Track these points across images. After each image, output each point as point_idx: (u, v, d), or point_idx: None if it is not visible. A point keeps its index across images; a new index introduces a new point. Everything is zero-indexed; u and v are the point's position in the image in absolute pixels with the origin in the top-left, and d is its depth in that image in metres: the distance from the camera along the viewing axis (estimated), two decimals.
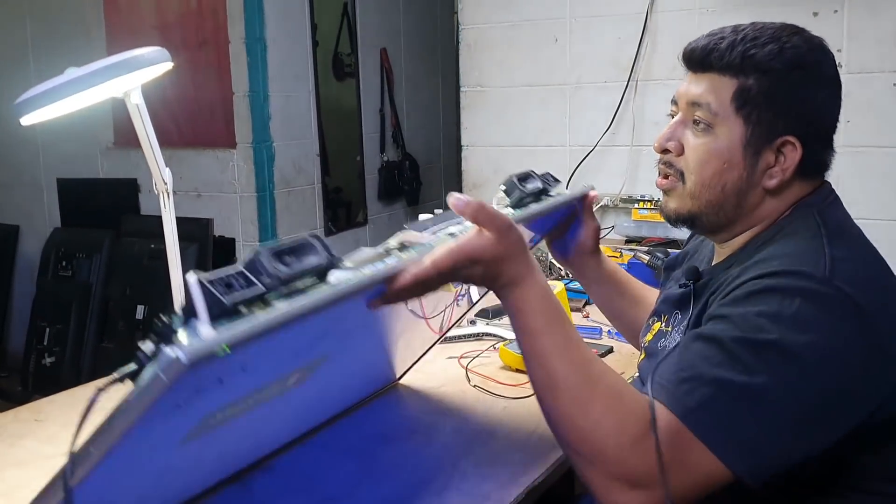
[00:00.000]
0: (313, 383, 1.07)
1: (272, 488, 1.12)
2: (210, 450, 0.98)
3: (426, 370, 1.57)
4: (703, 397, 0.82)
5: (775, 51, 0.94)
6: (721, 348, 0.84)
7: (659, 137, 1.03)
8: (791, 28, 0.98)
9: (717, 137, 0.97)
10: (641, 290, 1.38)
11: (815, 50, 0.97)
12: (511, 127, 2.71)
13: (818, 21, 2.23)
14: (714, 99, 0.96)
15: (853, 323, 0.84)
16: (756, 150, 0.96)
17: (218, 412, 0.86)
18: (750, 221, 1.00)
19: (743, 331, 0.84)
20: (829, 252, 0.88)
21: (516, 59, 2.68)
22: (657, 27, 2.45)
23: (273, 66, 3.40)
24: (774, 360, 0.82)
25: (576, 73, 2.59)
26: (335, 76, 3.85)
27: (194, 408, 0.79)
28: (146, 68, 0.94)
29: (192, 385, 0.70)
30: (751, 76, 0.95)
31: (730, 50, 0.96)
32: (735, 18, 2.27)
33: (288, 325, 0.69)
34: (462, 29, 2.77)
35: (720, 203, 0.99)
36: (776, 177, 0.96)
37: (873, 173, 2.24)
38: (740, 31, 0.97)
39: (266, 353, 0.79)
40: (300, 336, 0.84)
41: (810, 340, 0.82)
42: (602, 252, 1.35)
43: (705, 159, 0.98)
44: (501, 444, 1.23)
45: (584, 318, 1.89)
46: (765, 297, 0.85)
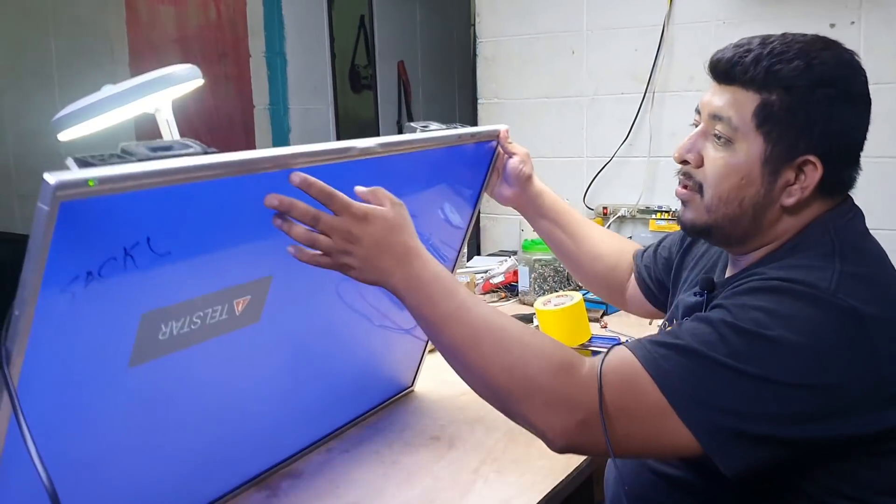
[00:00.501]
0: (279, 332, 1.07)
1: (299, 493, 1.15)
2: (178, 398, 0.97)
3: (445, 378, 1.59)
4: (680, 364, 0.84)
5: (801, 67, 0.92)
6: (713, 329, 0.85)
7: (679, 148, 1.02)
8: (822, 42, 0.95)
9: (737, 153, 0.95)
10: (586, 229, 1.40)
11: (843, 66, 0.94)
12: (528, 138, 2.72)
13: (835, 32, 2.24)
14: (735, 114, 0.95)
15: (851, 333, 0.84)
16: (775, 168, 0.94)
17: (157, 320, 0.85)
18: (766, 237, 0.99)
19: (738, 319, 0.85)
20: (840, 268, 0.88)
21: (533, 71, 2.71)
22: (674, 38, 2.47)
23: (293, 79, 3.45)
24: (763, 353, 0.83)
25: (593, 85, 2.61)
26: (352, 88, 3.90)
27: (117, 294, 0.79)
28: (179, 85, 0.97)
29: (85, 235, 0.72)
30: (774, 92, 0.92)
31: (754, 64, 0.93)
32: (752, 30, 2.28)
33: (158, 179, 0.73)
34: (480, 41, 2.80)
35: (737, 218, 0.97)
36: (794, 195, 0.95)
37: (891, 183, 2.25)
38: (768, 44, 0.94)
39: (166, 229, 0.81)
40: (198, 218, 0.84)
41: (805, 342, 0.83)
42: (542, 186, 1.38)
43: (723, 174, 0.96)
44: (522, 450, 1.25)
45: (602, 329, 1.90)
46: (767, 294, 0.87)
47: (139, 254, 0.78)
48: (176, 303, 0.87)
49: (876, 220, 2.24)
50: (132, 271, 0.79)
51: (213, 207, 0.85)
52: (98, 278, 0.75)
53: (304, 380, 1.22)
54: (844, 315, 0.84)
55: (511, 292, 2.22)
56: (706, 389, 0.83)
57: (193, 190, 0.80)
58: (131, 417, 0.92)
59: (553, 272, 2.11)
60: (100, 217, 0.73)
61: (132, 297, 0.82)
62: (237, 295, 0.95)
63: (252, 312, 0.99)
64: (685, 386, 0.84)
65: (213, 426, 1.06)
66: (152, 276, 0.82)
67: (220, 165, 0.80)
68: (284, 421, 1.21)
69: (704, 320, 0.88)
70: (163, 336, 0.87)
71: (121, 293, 0.80)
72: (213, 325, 0.93)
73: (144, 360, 0.87)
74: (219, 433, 1.07)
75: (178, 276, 0.85)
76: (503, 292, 2.24)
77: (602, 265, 1.40)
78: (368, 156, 1.01)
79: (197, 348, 0.93)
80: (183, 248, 0.83)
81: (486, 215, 2.85)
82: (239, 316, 0.97)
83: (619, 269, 1.41)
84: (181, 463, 1.03)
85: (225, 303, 0.93)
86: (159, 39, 3.73)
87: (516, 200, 1.39)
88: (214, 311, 0.92)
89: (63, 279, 0.73)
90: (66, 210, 0.68)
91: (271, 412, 1.17)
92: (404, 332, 1.42)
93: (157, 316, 0.85)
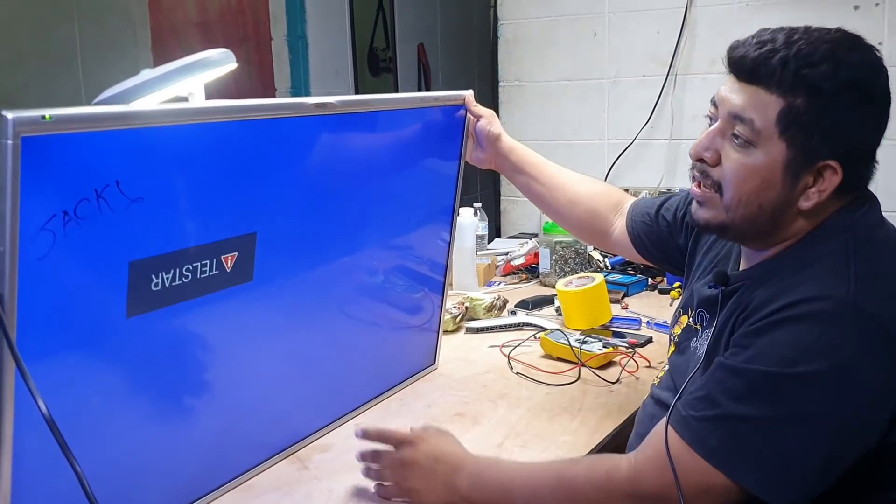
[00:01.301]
0: (278, 295, 1.12)
1: (329, 465, 1.18)
2: (188, 361, 1.02)
3: (469, 358, 1.62)
4: (725, 433, 0.87)
5: (829, 71, 0.89)
6: (743, 380, 0.87)
7: (695, 145, 0.99)
8: (848, 41, 0.92)
9: (757, 156, 0.93)
10: (561, 177, 1.44)
11: (869, 68, 0.92)
12: (549, 121, 2.75)
13: (859, 14, 2.23)
14: (758, 116, 0.91)
15: (876, 341, 0.84)
16: (796, 172, 0.92)
17: (146, 269, 0.90)
18: (782, 236, 0.98)
19: (764, 364, 0.86)
20: (854, 270, 0.88)
21: (555, 53, 2.72)
22: (696, 21, 2.46)
23: (314, 63, 3.47)
24: (796, 391, 0.84)
25: (614, 68, 2.62)
26: (371, 72, 3.91)
27: (100, 239, 0.84)
28: (214, 68, 1.00)
29: (54, 174, 0.77)
30: (800, 96, 0.89)
31: (782, 66, 0.90)
32: (775, 12, 2.29)
33: (115, 122, 0.80)
34: (501, 24, 2.81)
35: (754, 218, 0.96)
36: (813, 199, 0.93)
37: None
38: (793, 44, 0.90)
39: (135, 174, 0.85)
40: (167, 165, 0.89)
41: (830, 366, 0.83)
42: (513, 142, 1.44)
43: (744, 176, 0.94)
44: (545, 427, 1.28)
45: (623, 310, 1.92)
46: (786, 327, 0.87)
47: (111, 197, 0.83)
48: (162, 253, 0.92)
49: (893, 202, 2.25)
50: (108, 214, 0.83)
51: (181, 155, 0.91)
52: (76, 219, 0.80)
53: (320, 349, 1.25)
54: (867, 325, 0.84)
55: (532, 274, 2.25)
56: (755, 449, 0.86)
57: (157, 135, 0.86)
58: (141, 377, 0.96)
59: (574, 254, 2.13)
60: (65, 156, 0.78)
61: (116, 242, 0.86)
62: (223, 250, 1.00)
63: (243, 270, 1.04)
64: (735, 454, 0.86)
65: (230, 394, 1.10)
66: (132, 222, 0.86)
67: (175, 113, 0.88)
68: (307, 393, 1.25)
69: (734, 372, 0.89)
70: (155, 287, 0.92)
71: (103, 238, 0.85)
72: (205, 281, 0.98)
73: (142, 311, 0.92)
74: (238, 401, 1.11)
75: (159, 224, 0.90)
76: (524, 274, 2.26)
77: (581, 209, 1.42)
78: (326, 112, 1.09)
79: (197, 306, 0.98)
80: (156, 194, 0.88)
81: (506, 198, 2.87)
82: (230, 273, 1.02)
83: (599, 212, 1.42)
84: (202, 430, 1.07)
85: (212, 257, 0.98)
86: (181, 24, 3.77)
87: (491, 161, 1.45)
88: (203, 265, 0.97)
89: (40, 217, 0.77)
90: (30, 146, 0.73)
91: (291, 383, 1.21)
92: (410, 314, 1.47)
93: (145, 265, 0.90)
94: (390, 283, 1.40)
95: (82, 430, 0.87)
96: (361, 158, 1.25)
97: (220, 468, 1.11)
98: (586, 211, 1.42)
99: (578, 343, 1.56)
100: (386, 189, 1.31)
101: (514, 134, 1.47)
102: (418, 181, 1.40)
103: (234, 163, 0.98)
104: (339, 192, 1.21)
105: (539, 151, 1.40)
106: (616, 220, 1.40)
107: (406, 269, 1.44)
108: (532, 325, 1.80)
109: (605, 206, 1.42)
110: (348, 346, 1.29)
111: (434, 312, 1.53)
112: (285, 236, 1.11)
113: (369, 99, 1.27)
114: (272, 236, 1.08)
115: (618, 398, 1.39)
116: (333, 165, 1.19)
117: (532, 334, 1.72)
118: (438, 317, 1.54)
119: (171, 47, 4.00)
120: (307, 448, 1.24)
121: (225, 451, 1.11)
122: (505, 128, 1.45)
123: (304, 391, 1.24)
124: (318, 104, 1.08)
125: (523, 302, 1.97)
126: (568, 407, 1.36)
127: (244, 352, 1.11)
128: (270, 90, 3.47)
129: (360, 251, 1.30)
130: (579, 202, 1.42)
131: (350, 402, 1.35)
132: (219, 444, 1.10)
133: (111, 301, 0.89)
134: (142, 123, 0.84)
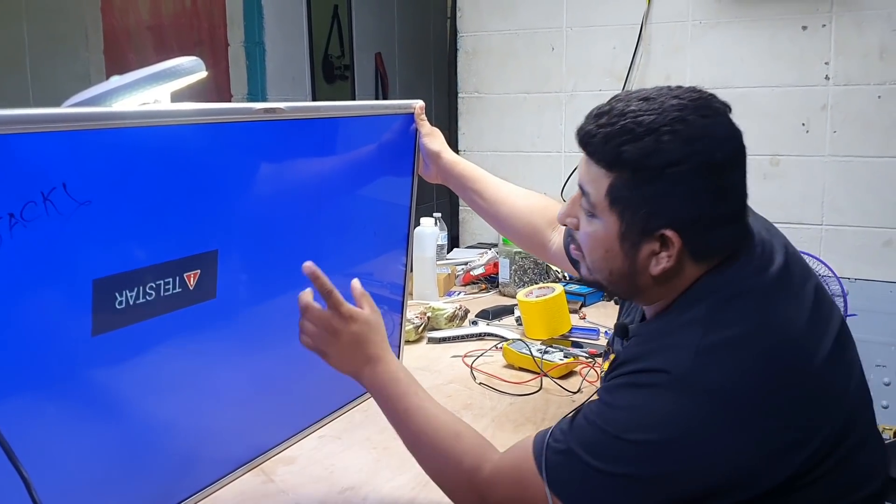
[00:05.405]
0: (241, 311, 1.12)
1: (294, 478, 1.18)
2: (152, 378, 1.01)
3: (432, 368, 1.63)
4: (568, 469, 0.89)
5: (650, 148, 0.87)
6: (593, 431, 0.89)
7: (559, 212, 1.03)
8: (694, 108, 0.89)
9: (597, 226, 0.94)
10: (502, 192, 1.44)
11: (700, 139, 0.87)
12: (508, 133, 2.78)
13: (807, 35, 2.31)
14: (593, 190, 0.93)
15: (707, 414, 0.84)
16: (633, 243, 0.92)
17: (110, 287, 0.89)
18: (652, 297, 0.97)
19: (607, 422, 0.88)
20: (699, 343, 0.87)
21: (513, 66, 2.75)
22: (651, 37, 2.52)
23: (271, 69, 3.44)
24: (630, 455, 0.85)
25: (572, 81, 2.66)
26: (325, 79, 3.89)
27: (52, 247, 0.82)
28: (185, 77, 1.00)
29: None
30: (624, 171, 0.89)
31: (604, 142, 0.90)
32: (727, 31, 2.36)
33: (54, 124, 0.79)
34: (461, 36, 2.83)
35: (612, 282, 0.97)
36: (661, 264, 0.91)
37: (858, 182, 2.33)
38: (624, 117, 0.89)
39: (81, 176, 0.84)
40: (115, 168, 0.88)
41: (660, 438, 0.84)
42: (455, 158, 1.44)
43: (590, 245, 0.96)
44: (510, 437, 1.29)
45: (581, 320, 1.95)
46: (629, 391, 0.89)
47: (58, 199, 0.82)
48: (124, 271, 0.91)
49: (845, 218, 2.35)
50: (56, 218, 0.82)
51: (127, 159, 0.89)
52: (22, 222, 0.79)
53: (283, 363, 1.24)
54: (700, 398, 0.84)
55: (491, 284, 2.26)
56: (596, 494, 0.88)
57: (101, 138, 0.85)
58: (103, 393, 0.95)
59: (533, 264, 2.15)
60: (10, 157, 0.77)
61: (70, 251, 0.85)
62: (185, 268, 1.00)
63: (206, 288, 1.04)
64: (573, 490, 0.89)
65: (194, 409, 1.09)
66: (84, 229, 0.85)
67: (117, 115, 0.87)
68: (271, 406, 1.24)
69: (586, 418, 0.90)
70: (119, 305, 0.91)
71: (56, 245, 0.83)
72: (168, 299, 0.97)
73: (106, 330, 0.91)
74: (201, 416, 1.10)
75: (113, 231, 0.89)
76: (484, 284, 2.28)
77: (521, 224, 1.44)
78: (276, 117, 1.10)
79: (161, 324, 0.97)
80: (104, 197, 0.87)
81: (464, 208, 2.88)
82: (193, 291, 1.01)
83: (537, 227, 1.43)
84: (165, 445, 1.05)
85: (175, 275, 0.98)
86: (134, 27, 3.70)
87: (437, 177, 1.46)
88: (167, 283, 0.97)
89: None
90: None
91: (254, 396, 1.20)
92: None
93: (109, 283, 0.89)
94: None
95: (40, 446, 0.85)
96: (316, 171, 1.24)
97: (185, 482, 1.10)
98: (526, 226, 1.43)
99: (540, 353, 1.58)
100: (343, 201, 1.31)
101: (472, 145, 1.49)
102: (373, 194, 1.39)
103: (184, 170, 0.97)
104: (297, 207, 1.20)
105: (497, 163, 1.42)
106: (553, 235, 1.41)
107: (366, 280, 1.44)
108: (493, 334, 1.81)
109: (543, 221, 1.42)
110: (311, 359, 1.28)
111: (394, 328, 1.52)
112: (247, 253, 1.11)
113: (319, 106, 1.26)
114: (234, 254, 1.07)
115: None
116: (289, 178, 1.19)
117: (494, 344, 1.73)
118: (399, 332, 1.54)
119: (123, 51, 3.93)
120: (272, 461, 1.23)
121: (189, 465, 1.10)
122: (464, 139, 1.47)
123: (267, 404, 1.23)
124: (267, 109, 1.07)
125: (484, 312, 1.99)
126: (532, 416, 1.37)
127: (208, 367, 1.09)
128: (226, 96, 3.43)
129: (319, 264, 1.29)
130: (519, 217, 1.43)
131: (314, 414, 1.35)
132: (182, 459, 1.08)
133: (74, 317, 0.87)
134: (86, 126, 0.83)
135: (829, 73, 2.31)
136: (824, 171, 2.36)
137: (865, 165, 2.31)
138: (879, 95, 2.26)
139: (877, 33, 2.25)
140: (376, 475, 1.19)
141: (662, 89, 0.92)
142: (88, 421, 0.94)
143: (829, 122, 2.32)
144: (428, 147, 1.42)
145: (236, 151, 1.06)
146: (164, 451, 1.05)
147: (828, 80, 2.31)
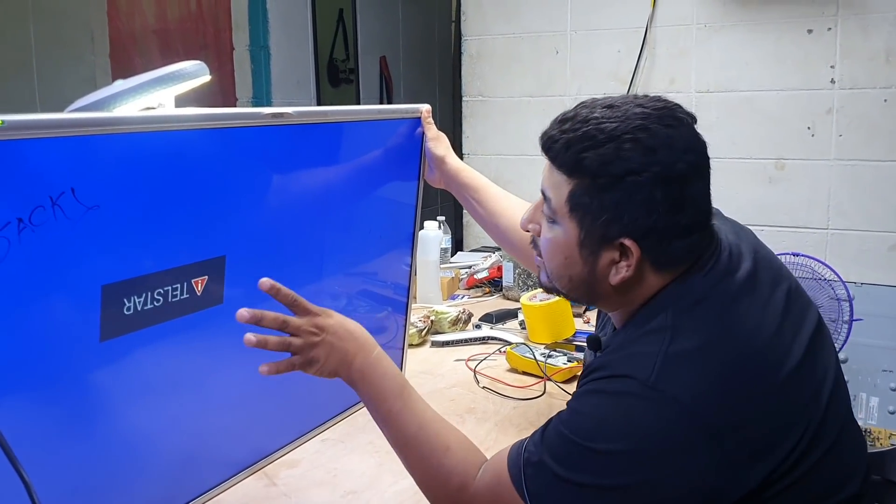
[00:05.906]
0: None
1: (297, 482, 1.18)
2: (159, 382, 1.01)
3: (435, 372, 1.63)
4: (544, 482, 0.88)
5: (610, 156, 0.86)
6: (561, 442, 0.88)
7: (521, 218, 1.03)
8: (658, 117, 0.88)
9: (558, 232, 0.94)
10: (501, 202, 1.43)
11: (659, 149, 0.86)
12: (512, 136, 2.78)
13: (812, 38, 2.31)
14: (554, 196, 0.92)
15: (674, 421, 0.83)
16: (592, 250, 0.91)
17: (118, 293, 0.89)
18: (613, 304, 0.97)
19: (572, 431, 0.87)
20: (664, 351, 0.86)
21: (518, 70, 2.75)
22: (656, 41, 2.52)
23: (276, 73, 3.45)
24: (595, 464, 0.85)
25: (576, 85, 2.66)
26: (330, 82, 3.90)
27: (61, 252, 0.82)
28: (189, 81, 1.00)
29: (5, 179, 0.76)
30: (584, 178, 0.88)
31: (565, 148, 0.89)
32: (732, 34, 2.35)
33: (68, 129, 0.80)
34: (465, 40, 2.84)
35: (571, 289, 0.97)
36: (621, 273, 0.91)
37: (864, 186, 2.32)
38: (587, 123, 0.89)
39: (90, 181, 0.84)
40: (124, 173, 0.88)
41: (627, 447, 0.83)
42: (459, 164, 1.44)
43: (550, 252, 0.96)
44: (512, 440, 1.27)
45: (584, 324, 1.95)
46: (594, 397, 0.88)
47: (67, 204, 0.82)
48: (132, 277, 0.91)
49: (850, 223, 2.34)
50: (64, 223, 0.82)
51: (136, 164, 0.89)
52: (31, 226, 0.79)
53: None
54: (664, 406, 0.83)
55: (495, 287, 2.26)
56: (557, 500, 0.88)
57: (110, 143, 0.85)
58: (110, 398, 0.95)
59: None
60: (19, 162, 0.77)
61: (79, 256, 0.85)
62: (193, 274, 0.99)
63: (213, 293, 1.04)
64: (545, 502, 0.88)
65: (199, 412, 1.09)
66: (93, 234, 0.85)
67: (125, 120, 0.87)
68: (275, 409, 1.24)
69: (555, 427, 0.90)
70: (128, 311, 0.91)
71: (65, 250, 0.83)
72: (176, 304, 0.97)
73: (115, 335, 0.91)
74: (206, 420, 1.10)
75: (122, 236, 0.89)
76: (487, 287, 2.28)
77: (517, 237, 1.42)
78: (283, 122, 1.09)
79: (168, 329, 0.97)
80: (112, 202, 0.87)
81: None
82: (201, 296, 1.01)
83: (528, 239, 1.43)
84: (169, 448, 1.05)
85: (183, 281, 0.98)
86: (140, 30, 3.72)
87: (441, 181, 1.46)
88: (174, 289, 0.97)
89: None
90: None
91: (259, 400, 1.19)
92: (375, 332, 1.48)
93: (118, 289, 0.89)
94: (353, 306, 1.39)
95: (48, 449, 0.86)
96: (323, 176, 1.25)
97: (188, 485, 1.10)
98: (521, 240, 1.41)
99: (543, 357, 1.58)
100: (349, 205, 1.31)
101: (476, 148, 1.49)
102: (379, 198, 1.39)
103: (192, 175, 0.97)
104: (304, 211, 1.21)
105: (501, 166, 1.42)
106: None
107: (369, 288, 1.44)
108: (497, 338, 1.81)
109: None
110: None
111: (398, 330, 1.52)
112: (255, 258, 1.10)
113: (326, 110, 1.27)
114: (241, 259, 1.07)
115: None
116: (296, 183, 1.19)
117: (497, 348, 1.73)
118: (403, 335, 1.54)
119: (129, 54, 3.94)
120: (274, 464, 1.23)
121: (192, 468, 1.10)
122: (468, 142, 1.46)
123: (270, 408, 1.23)
124: (275, 114, 1.07)
125: (488, 315, 1.98)
126: (535, 421, 1.37)
127: (213, 372, 1.09)
128: (231, 100, 3.43)
129: (324, 268, 1.29)
130: (517, 230, 1.40)
131: (317, 418, 1.35)
132: (187, 462, 1.08)
133: (83, 323, 0.87)
134: (95, 131, 0.83)
135: (834, 77, 2.30)
136: (830, 175, 2.36)
137: (871, 169, 2.30)
138: (885, 99, 2.25)
139: (882, 37, 2.24)
140: (379, 479, 1.18)
141: (628, 97, 0.92)
142: (94, 425, 0.94)
143: (834, 125, 2.31)
144: (432, 151, 1.42)
145: (244, 156, 1.06)
146: (168, 454, 1.05)
147: (833, 83, 2.31)
